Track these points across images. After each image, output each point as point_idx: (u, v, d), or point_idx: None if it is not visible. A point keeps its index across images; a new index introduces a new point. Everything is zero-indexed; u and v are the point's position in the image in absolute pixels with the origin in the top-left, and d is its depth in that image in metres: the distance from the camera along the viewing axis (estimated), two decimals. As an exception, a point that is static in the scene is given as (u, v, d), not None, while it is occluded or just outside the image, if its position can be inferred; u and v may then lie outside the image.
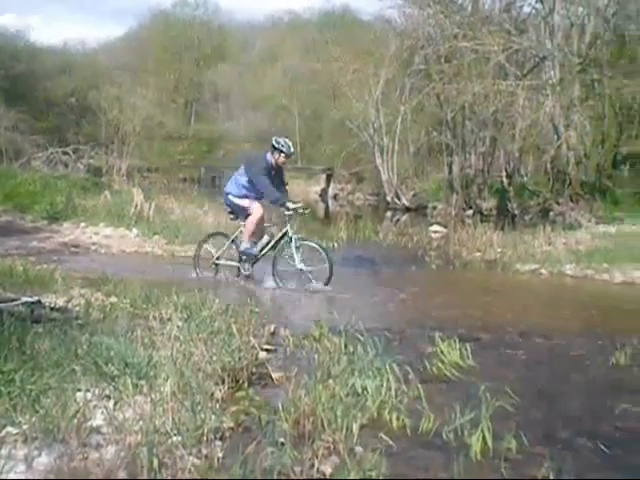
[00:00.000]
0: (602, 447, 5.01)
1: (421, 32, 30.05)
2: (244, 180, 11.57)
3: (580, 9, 24.96)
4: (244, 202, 11.60)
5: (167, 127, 46.14)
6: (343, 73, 35.95)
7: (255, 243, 11.71)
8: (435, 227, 21.79)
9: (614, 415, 5.73)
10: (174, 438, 4.61)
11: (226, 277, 11.97)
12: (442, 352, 6.99)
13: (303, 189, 42.36)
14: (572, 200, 22.15)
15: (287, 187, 12.15)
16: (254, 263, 11.79)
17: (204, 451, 4.57)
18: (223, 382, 5.88)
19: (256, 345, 6.94)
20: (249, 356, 6.53)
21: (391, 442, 4.87)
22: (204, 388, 5.55)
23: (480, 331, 8.48)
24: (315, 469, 4.41)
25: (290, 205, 11.29)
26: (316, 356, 6.81)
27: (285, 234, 11.43)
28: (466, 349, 7.04)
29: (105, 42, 58.73)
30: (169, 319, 7.50)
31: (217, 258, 12.07)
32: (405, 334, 8.25)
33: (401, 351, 7.22)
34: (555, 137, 23.04)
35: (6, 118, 34.49)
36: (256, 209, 11.54)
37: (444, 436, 5.10)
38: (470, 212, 27.38)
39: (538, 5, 27.11)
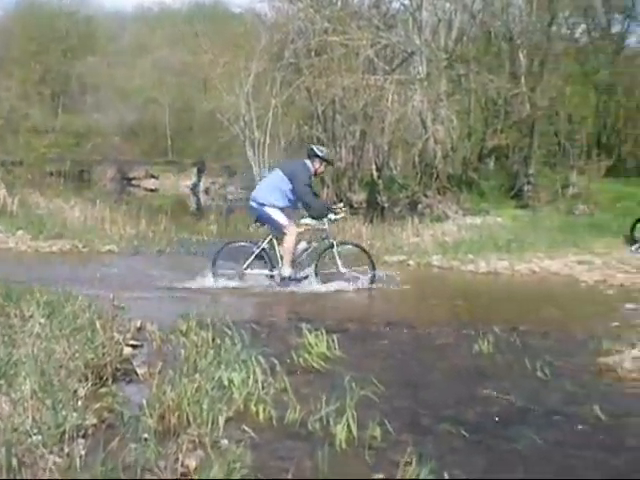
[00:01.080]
0: (463, 432, 5.10)
1: (291, 26, 30.04)
2: (288, 189, 11.06)
3: (447, 5, 25.42)
4: (281, 219, 11.11)
5: (33, 120, 44.73)
6: (213, 66, 35.61)
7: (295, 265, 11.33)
8: (306, 220, 21.80)
9: (476, 401, 5.84)
10: (34, 437, 4.46)
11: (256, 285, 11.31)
12: (309, 344, 7.00)
13: (174, 183, 42.01)
14: (439, 193, 22.52)
15: None
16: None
17: (66, 449, 4.42)
18: (86, 379, 5.74)
19: (120, 341, 6.80)
20: (113, 352, 6.40)
21: (257, 434, 4.87)
22: (66, 386, 5.40)
23: (348, 322, 8.56)
24: (180, 463, 4.34)
25: (332, 217, 11.28)
26: (183, 351, 6.69)
27: (326, 239, 11.35)
28: (333, 340, 7.06)
29: (-35, 32, 56.73)
30: (31, 316, 7.26)
31: (245, 268, 11.41)
32: (274, 327, 8.24)
33: (269, 343, 7.24)
34: (423, 131, 23.36)
35: None
36: (292, 231, 11.12)
37: (310, 426, 5.11)
38: (341, 205, 27.46)
39: (406, 1, 27.52)
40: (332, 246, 11.24)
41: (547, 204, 20.94)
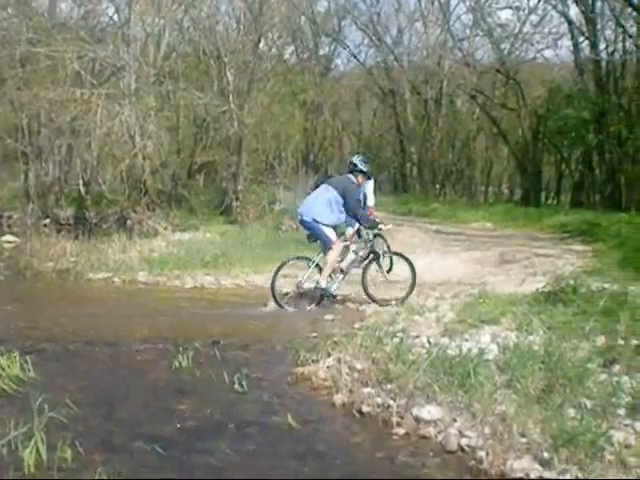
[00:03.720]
0: (158, 449, 5.05)
1: (-4, 34, 28.76)
2: (339, 205, 11.06)
3: (157, 20, 25.37)
4: (332, 234, 11.13)
5: None
6: None
7: (331, 278, 11.27)
8: (8, 237, 20.94)
9: (173, 417, 5.80)
10: None
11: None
12: (1, 366, 6.63)
13: None
14: (149, 209, 22.42)
15: None
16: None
17: None
18: None
19: None
20: None
21: None
22: None
23: (45, 342, 8.24)
24: None
25: (383, 227, 11.40)
26: None
27: (372, 251, 11.47)
28: (27, 362, 6.76)
29: None
30: None
31: (301, 282, 11.14)
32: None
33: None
34: (132, 146, 23.13)
35: None
36: (337, 245, 11.14)
37: (-2, 451, 4.86)
38: (47, 221, 26.65)
39: (115, 15, 27.22)
40: (378, 257, 11.47)
41: (255, 220, 21.39)
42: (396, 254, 11.83)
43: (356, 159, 11.54)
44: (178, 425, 5.63)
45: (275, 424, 5.71)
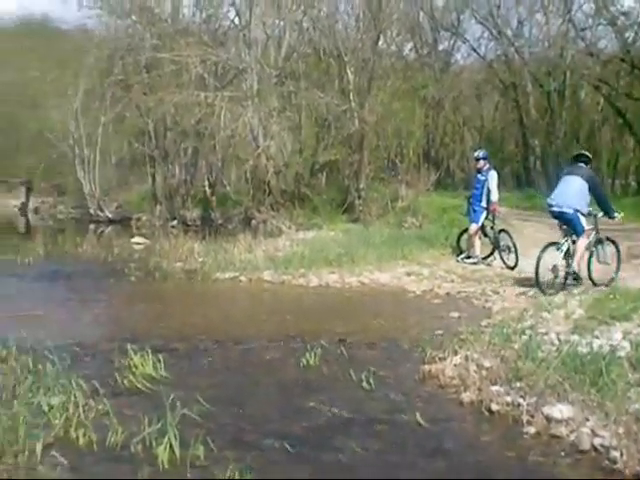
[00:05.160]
0: (287, 446, 5.10)
1: (120, 42, 29.65)
2: (587, 194, 11.36)
3: (277, 22, 25.66)
4: (585, 224, 11.45)
5: None
6: (41, 83, 34.74)
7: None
8: (137, 239, 21.50)
9: (302, 415, 5.86)
10: None
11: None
12: (134, 364, 6.85)
13: (1, 202, 40.45)
14: (273, 208, 22.67)
15: None
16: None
17: None
18: None
19: None
20: None
21: (77, 458, 4.81)
22: None
23: (175, 341, 8.41)
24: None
25: (617, 215, 11.68)
26: (0, 377, 6.43)
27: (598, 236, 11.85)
28: (159, 360, 6.95)
29: None
30: None
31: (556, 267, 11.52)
32: (97, 348, 8.02)
33: (92, 366, 7.09)
34: (255, 147, 23.44)
35: None
36: (587, 233, 11.48)
37: (132, 448, 5.03)
38: (174, 222, 27.32)
39: (236, 19, 27.64)
40: (601, 241, 11.88)
41: (377, 217, 21.33)
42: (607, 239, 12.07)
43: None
44: (306, 422, 5.69)
45: (403, 422, 5.71)
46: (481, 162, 14.47)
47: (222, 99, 23.29)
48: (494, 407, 5.94)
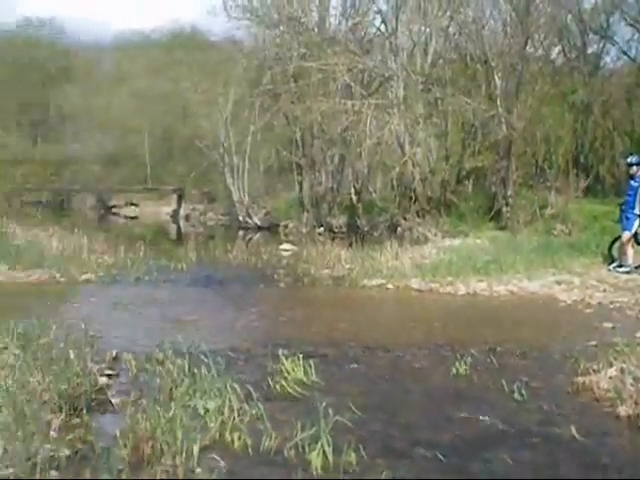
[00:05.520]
0: (439, 455, 5.08)
1: (268, 52, 30.22)
2: None
3: (423, 29, 25.59)
4: None
5: (10, 149, 44.58)
6: (192, 93, 35.79)
7: None
8: (285, 245, 21.82)
9: (453, 424, 5.82)
10: (8, 470, 4.41)
11: None
12: (286, 369, 6.96)
13: (154, 210, 41.90)
14: (419, 215, 22.63)
15: None
16: None
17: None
18: (60, 410, 5.69)
19: (95, 371, 6.74)
20: (87, 382, 6.33)
21: (232, 462, 4.88)
22: (39, 417, 5.34)
23: (325, 347, 8.49)
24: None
25: None
26: (158, 380, 6.64)
27: None
28: (310, 365, 7.04)
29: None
30: (5, 348, 7.18)
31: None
32: (250, 353, 8.18)
33: (245, 370, 7.22)
34: (401, 154, 23.45)
35: None
36: None
37: (285, 453, 5.09)
38: (321, 229, 27.60)
39: (382, 26, 27.72)
40: None
41: (525, 225, 20.99)
42: None
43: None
44: (457, 432, 5.66)
45: (557, 435, 5.59)
46: (634, 168, 14.07)
47: (368, 107, 23.42)
48: (653, 421, 5.77)
